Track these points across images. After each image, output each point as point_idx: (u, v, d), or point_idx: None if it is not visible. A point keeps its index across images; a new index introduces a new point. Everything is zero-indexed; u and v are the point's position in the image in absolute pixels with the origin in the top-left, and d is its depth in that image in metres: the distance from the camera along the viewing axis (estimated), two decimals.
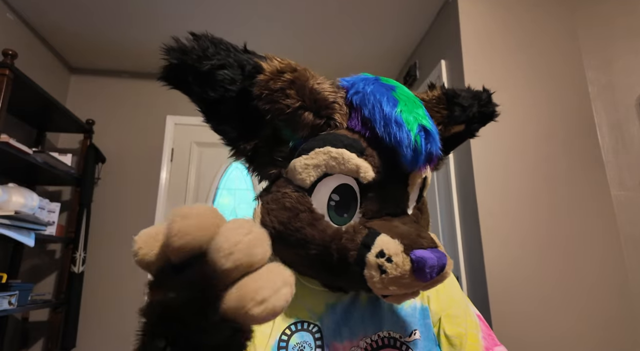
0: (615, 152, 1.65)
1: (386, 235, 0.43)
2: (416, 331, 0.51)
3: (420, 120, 0.45)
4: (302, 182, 0.47)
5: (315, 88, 0.47)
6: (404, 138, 0.43)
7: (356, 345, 0.49)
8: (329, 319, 0.51)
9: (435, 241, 0.44)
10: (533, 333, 1.41)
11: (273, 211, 0.48)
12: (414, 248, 0.41)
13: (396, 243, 0.42)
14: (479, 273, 1.48)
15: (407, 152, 0.44)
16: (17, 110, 1.92)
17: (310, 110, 0.47)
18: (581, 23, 1.79)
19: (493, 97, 0.63)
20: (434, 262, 0.40)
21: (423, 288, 0.43)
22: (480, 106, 0.60)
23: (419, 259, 0.40)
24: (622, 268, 1.52)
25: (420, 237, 0.43)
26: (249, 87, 0.46)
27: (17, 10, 2.00)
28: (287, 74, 0.45)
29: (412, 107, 0.46)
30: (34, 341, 2.12)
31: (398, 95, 0.47)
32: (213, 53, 0.45)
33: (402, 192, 0.49)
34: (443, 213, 1.81)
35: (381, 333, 0.50)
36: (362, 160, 0.45)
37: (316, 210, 0.47)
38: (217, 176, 2.54)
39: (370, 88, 0.47)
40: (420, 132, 0.44)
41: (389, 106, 0.45)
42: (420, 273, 0.40)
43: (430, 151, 0.45)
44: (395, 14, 2.04)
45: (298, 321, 0.50)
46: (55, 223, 1.97)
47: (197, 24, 2.10)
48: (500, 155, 1.59)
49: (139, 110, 2.54)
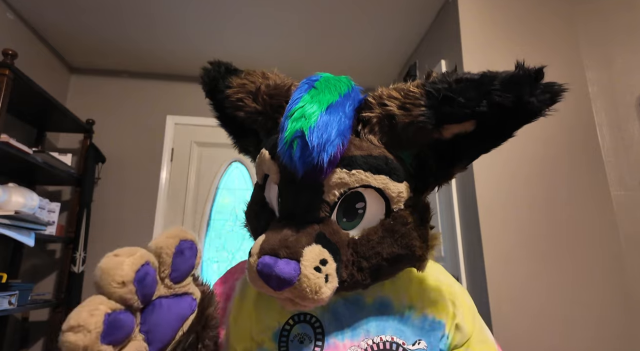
0: (615, 152, 1.65)
1: (262, 236, 0.45)
2: (421, 341, 0.51)
3: (301, 127, 0.42)
4: (258, 179, 0.54)
5: (267, 95, 0.53)
6: (281, 147, 0.44)
7: (357, 345, 0.49)
8: (330, 314, 0.51)
9: (301, 255, 0.41)
10: (533, 333, 1.41)
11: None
12: (265, 253, 0.42)
13: (258, 245, 0.44)
14: (479, 273, 1.48)
15: (285, 160, 0.44)
16: (17, 110, 1.92)
17: (263, 115, 0.53)
18: (581, 23, 1.79)
19: (534, 79, 0.45)
20: (268, 271, 0.41)
21: (288, 297, 0.43)
22: (490, 97, 0.43)
23: (259, 264, 0.42)
24: (622, 268, 1.52)
25: (283, 246, 0.42)
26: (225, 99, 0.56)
27: (17, 10, 2.00)
28: (247, 86, 0.54)
29: (301, 112, 0.43)
30: (34, 341, 2.12)
31: (303, 98, 0.45)
32: (208, 79, 0.60)
33: (313, 199, 0.46)
34: (443, 213, 1.81)
35: (384, 336, 0.50)
36: (273, 162, 0.48)
37: (268, 205, 0.52)
38: (217, 176, 2.54)
39: (295, 94, 0.47)
40: (298, 138, 0.42)
41: (286, 112, 0.45)
42: (264, 278, 0.41)
43: (309, 161, 0.42)
44: (395, 14, 2.04)
45: (301, 312, 0.51)
46: (55, 223, 1.97)
47: (197, 24, 2.10)
48: (500, 155, 1.58)
49: (139, 110, 2.54)
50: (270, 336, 0.49)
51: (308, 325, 0.50)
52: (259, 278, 0.42)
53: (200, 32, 2.18)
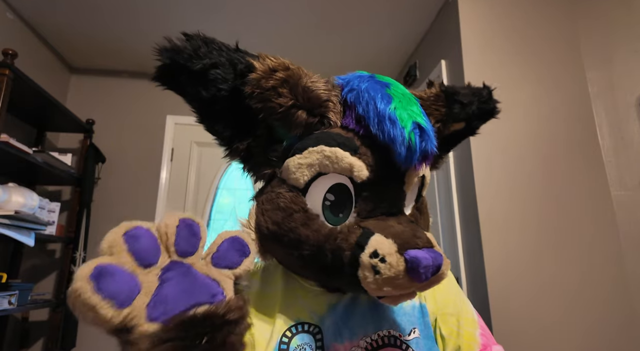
0: (615, 152, 1.64)
1: (380, 234, 0.42)
2: (415, 330, 0.51)
3: (415, 118, 0.44)
4: (295, 182, 0.47)
5: (308, 86, 0.46)
6: (398, 136, 0.42)
7: (356, 344, 0.49)
8: (329, 320, 0.50)
9: (432, 241, 0.43)
10: (533, 333, 1.41)
11: (267, 211, 0.48)
12: (408, 248, 0.40)
13: (390, 242, 0.41)
14: (479, 273, 1.48)
15: (401, 150, 0.43)
16: (17, 110, 1.91)
17: (304, 109, 0.46)
18: (581, 23, 1.79)
19: (493, 94, 0.62)
20: (428, 262, 0.39)
21: (419, 289, 0.42)
22: (481, 103, 0.59)
23: (413, 259, 0.39)
24: (622, 268, 1.52)
25: (415, 237, 0.42)
26: (241, 86, 0.46)
27: (17, 10, 2.00)
28: (279, 73, 0.45)
29: (406, 104, 0.45)
30: (34, 341, 2.12)
31: (392, 92, 0.46)
32: (205, 52, 0.45)
33: (398, 191, 0.47)
34: (443, 213, 1.81)
35: (381, 332, 0.50)
36: (356, 158, 0.45)
37: (311, 210, 0.46)
38: (217, 176, 2.55)
39: (364, 86, 0.47)
40: (415, 129, 0.43)
41: (382, 103, 0.44)
42: (415, 273, 0.39)
43: (425, 149, 0.44)
44: (395, 14, 2.04)
45: (299, 322, 0.50)
46: (55, 223, 1.97)
47: (197, 22, 2.10)
48: (500, 155, 1.59)
49: (139, 110, 2.54)
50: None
51: (308, 334, 0.49)
52: (405, 275, 0.40)
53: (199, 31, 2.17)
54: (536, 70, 1.70)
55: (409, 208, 0.51)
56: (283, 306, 0.51)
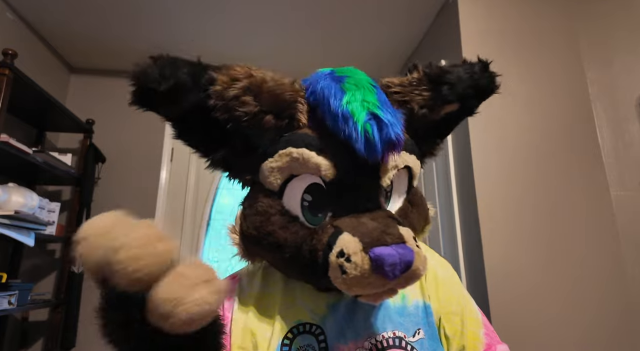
0: (615, 152, 1.65)
1: (348, 233, 0.42)
2: (420, 330, 0.51)
3: (370, 108, 0.43)
4: (271, 185, 0.48)
5: (273, 90, 0.46)
6: (352, 131, 0.42)
7: (361, 345, 0.48)
8: (331, 320, 0.50)
9: (404, 236, 0.41)
10: (533, 333, 1.41)
11: (249, 216, 0.49)
12: (374, 245, 0.40)
13: (356, 241, 0.40)
14: (479, 273, 1.48)
15: (360, 145, 0.42)
16: (17, 110, 1.91)
17: (271, 113, 0.46)
18: (581, 23, 1.79)
19: (490, 68, 0.57)
20: (394, 260, 0.38)
21: (394, 286, 0.41)
22: (473, 80, 0.55)
23: (377, 257, 0.39)
24: (621, 268, 1.51)
25: (385, 233, 0.41)
26: (206, 99, 0.46)
27: (17, 10, 2.00)
28: (240, 82, 0.45)
29: (360, 96, 0.44)
30: (33, 341, 2.11)
31: (346, 86, 0.45)
32: (169, 73, 0.45)
33: (373, 185, 0.47)
34: (443, 213, 1.81)
35: (386, 333, 0.49)
36: (322, 158, 0.45)
37: (290, 212, 0.47)
38: (217, 176, 2.55)
39: (320, 85, 0.47)
40: (370, 120, 0.42)
41: (335, 100, 0.44)
42: (381, 271, 0.38)
43: (387, 138, 0.42)
44: (395, 14, 2.04)
45: (300, 323, 0.49)
46: (55, 223, 1.97)
47: (196, 23, 2.10)
48: (500, 155, 1.58)
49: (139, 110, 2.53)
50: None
51: (310, 335, 0.49)
52: (372, 274, 0.39)
53: (199, 31, 2.18)
54: (536, 70, 1.70)
55: (399, 202, 0.51)
56: (283, 306, 0.51)
